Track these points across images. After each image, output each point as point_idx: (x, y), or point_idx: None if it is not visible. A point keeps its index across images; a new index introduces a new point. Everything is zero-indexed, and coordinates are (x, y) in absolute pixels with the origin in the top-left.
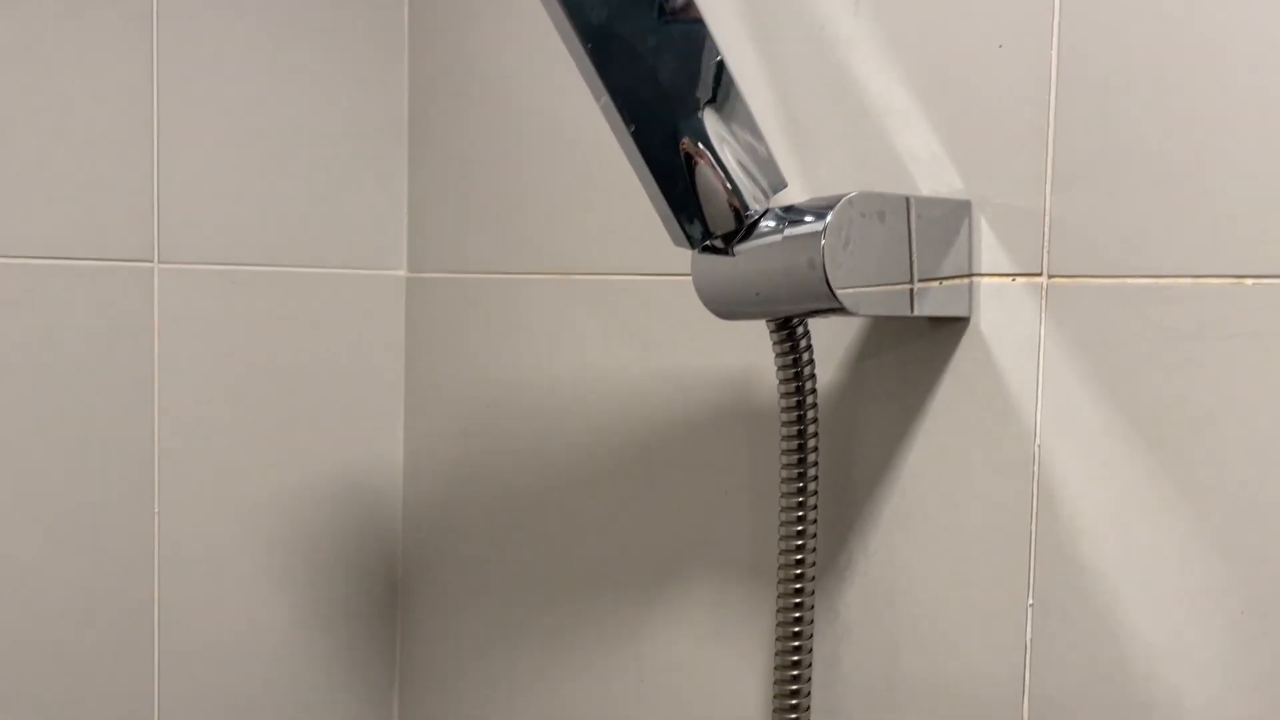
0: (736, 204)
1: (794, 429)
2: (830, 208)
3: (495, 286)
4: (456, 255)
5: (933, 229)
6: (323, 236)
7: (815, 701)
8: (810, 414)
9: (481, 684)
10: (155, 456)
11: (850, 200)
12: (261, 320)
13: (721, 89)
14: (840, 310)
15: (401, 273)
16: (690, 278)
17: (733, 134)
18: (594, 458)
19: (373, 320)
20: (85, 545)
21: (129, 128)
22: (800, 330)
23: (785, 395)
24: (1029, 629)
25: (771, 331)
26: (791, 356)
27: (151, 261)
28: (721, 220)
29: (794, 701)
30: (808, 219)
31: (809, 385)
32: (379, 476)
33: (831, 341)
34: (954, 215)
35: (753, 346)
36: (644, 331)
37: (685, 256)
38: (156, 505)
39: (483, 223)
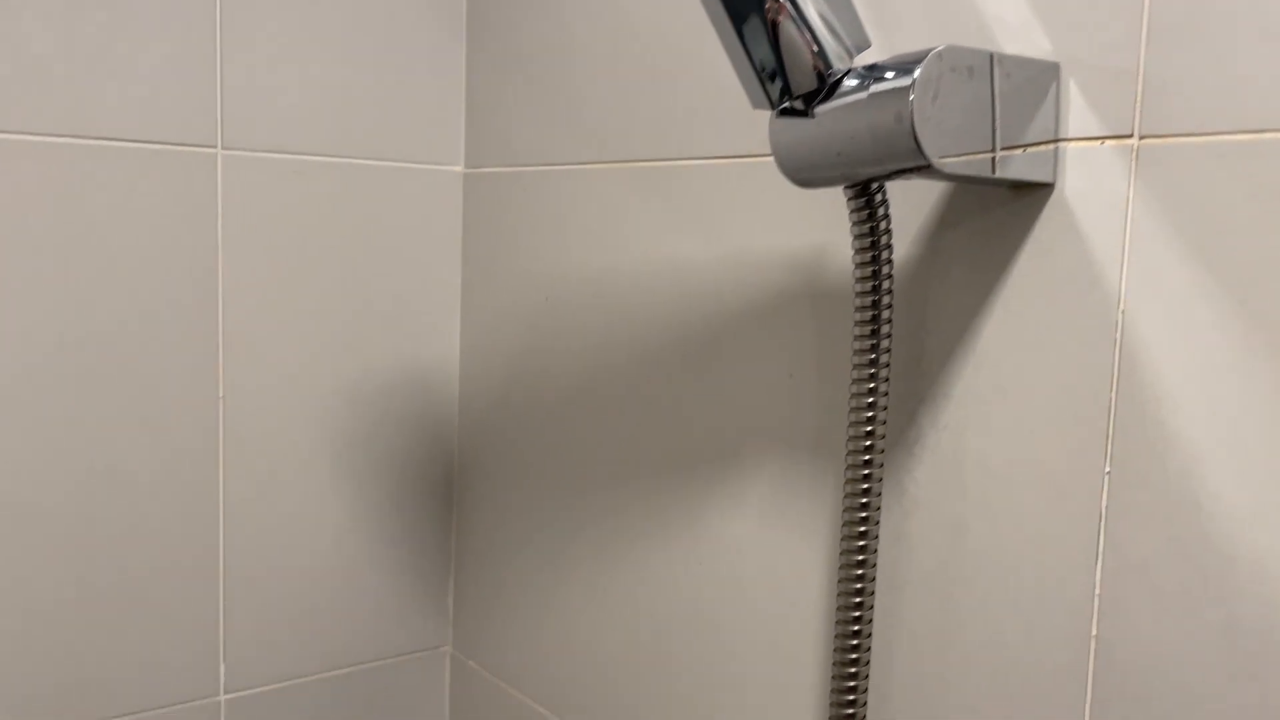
0: (820, 64)
1: (868, 299)
2: (918, 62)
3: (553, 179)
4: (514, 149)
5: (1019, 91)
6: (381, 129)
7: (880, 576)
8: (885, 284)
9: (537, 568)
10: (219, 341)
11: (939, 54)
12: (321, 210)
13: None
14: (925, 168)
15: (459, 168)
16: (755, 159)
17: None
18: (654, 346)
19: (430, 214)
20: (152, 428)
21: (193, 14)
22: (879, 197)
23: (860, 265)
24: (1105, 497)
25: (850, 199)
26: (869, 225)
27: (215, 148)
28: (804, 80)
29: (860, 572)
30: (890, 74)
31: (885, 255)
32: (436, 367)
33: (907, 215)
34: (1041, 78)
35: (821, 226)
36: (707, 216)
37: (750, 139)
38: (220, 391)
39: (541, 115)
